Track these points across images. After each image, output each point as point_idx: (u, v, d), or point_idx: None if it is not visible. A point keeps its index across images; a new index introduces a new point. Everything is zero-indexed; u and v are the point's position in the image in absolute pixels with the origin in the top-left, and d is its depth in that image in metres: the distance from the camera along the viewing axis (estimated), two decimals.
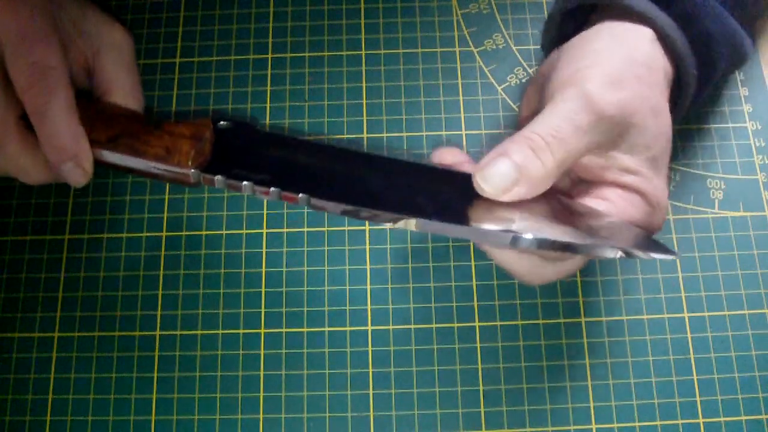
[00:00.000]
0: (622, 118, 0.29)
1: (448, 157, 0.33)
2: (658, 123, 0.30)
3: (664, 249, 0.29)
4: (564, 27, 0.37)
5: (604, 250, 0.29)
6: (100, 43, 0.37)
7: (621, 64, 0.30)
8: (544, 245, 0.29)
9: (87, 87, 0.38)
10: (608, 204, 0.30)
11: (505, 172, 0.29)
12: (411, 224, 0.31)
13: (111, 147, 0.34)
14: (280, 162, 0.33)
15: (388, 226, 0.31)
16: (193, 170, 0.33)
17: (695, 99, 0.35)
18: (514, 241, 0.29)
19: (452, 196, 0.31)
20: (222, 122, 0.34)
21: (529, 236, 0.29)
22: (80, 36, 0.36)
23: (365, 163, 0.33)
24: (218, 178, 0.32)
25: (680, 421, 0.36)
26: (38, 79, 0.33)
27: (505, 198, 0.29)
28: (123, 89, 0.37)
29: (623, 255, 0.28)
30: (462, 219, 0.30)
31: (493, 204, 0.30)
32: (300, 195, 0.31)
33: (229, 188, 0.33)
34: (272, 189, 0.32)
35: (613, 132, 0.29)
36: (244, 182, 0.32)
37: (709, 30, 0.33)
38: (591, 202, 0.30)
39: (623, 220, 0.30)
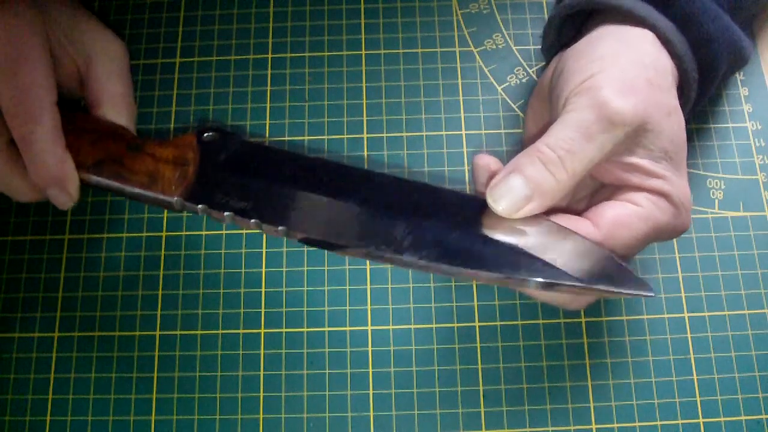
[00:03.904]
0: (637, 124, 0.29)
1: (484, 161, 0.33)
2: (672, 124, 0.30)
3: (631, 283, 0.28)
4: (563, 32, 0.37)
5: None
6: (92, 52, 0.37)
7: (631, 69, 0.30)
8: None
9: (79, 96, 0.38)
10: (636, 208, 0.30)
11: (518, 189, 0.29)
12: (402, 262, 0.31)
13: (96, 172, 0.34)
14: (263, 183, 0.33)
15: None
16: (176, 198, 0.33)
17: (697, 101, 0.35)
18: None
19: (448, 224, 0.31)
20: (207, 134, 0.34)
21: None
22: (72, 45, 0.36)
23: (351, 181, 0.33)
24: (200, 207, 0.33)
25: (680, 421, 0.36)
26: (24, 106, 0.33)
27: (519, 215, 0.29)
28: (114, 100, 0.37)
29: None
30: (464, 260, 0.30)
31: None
32: (279, 227, 0.32)
33: (210, 216, 0.33)
34: (252, 221, 0.32)
35: (629, 138, 0.29)
36: (225, 213, 0.32)
37: (708, 32, 0.33)
38: (618, 205, 0.30)
39: (640, 230, 0.29)
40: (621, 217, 0.29)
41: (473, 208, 0.31)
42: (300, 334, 0.37)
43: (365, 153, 0.41)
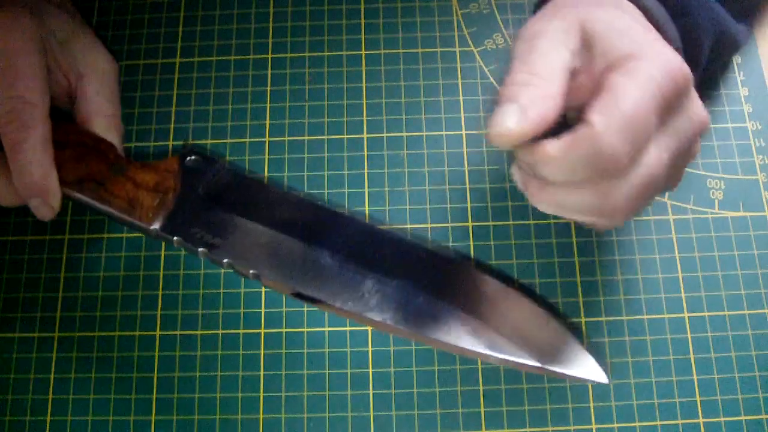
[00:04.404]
0: (570, 19, 0.28)
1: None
2: (624, 6, 0.30)
3: (587, 368, 0.32)
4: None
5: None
6: (85, 69, 0.37)
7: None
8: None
9: (68, 109, 0.38)
10: (612, 93, 0.26)
11: (505, 108, 0.27)
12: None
13: (78, 189, 0.35)
14: (239, 222, 0.34)
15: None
16: (152, 227, 0.34)
17: None
18: None
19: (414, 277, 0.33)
20: (189, 158, 0.35)
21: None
22: (65, 59, 0.36)
23: (326, 227, 0.35)
24: (176, 239, 0.33)
25: (680, 421, 0.36)
26: (17, 115, 0.33)
27: (523, 130, 0.26)
28: (103, 118, 0.37)
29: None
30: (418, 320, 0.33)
31: None
32: (251, 271, 0.33)
33: (184, 249, 0.34)
34: (225, 261, 0.33)
35: (579, 30, 0.28)
36: (200, 248, 0.33)
37: (684, 2, 0.32)
38: (605, 96, 0.27)
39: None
40: (613, 86, 0.27)
41: (441, 270, 0.34)
42: (300, 334, 0.37)
43: (365, 153, 0.41)
